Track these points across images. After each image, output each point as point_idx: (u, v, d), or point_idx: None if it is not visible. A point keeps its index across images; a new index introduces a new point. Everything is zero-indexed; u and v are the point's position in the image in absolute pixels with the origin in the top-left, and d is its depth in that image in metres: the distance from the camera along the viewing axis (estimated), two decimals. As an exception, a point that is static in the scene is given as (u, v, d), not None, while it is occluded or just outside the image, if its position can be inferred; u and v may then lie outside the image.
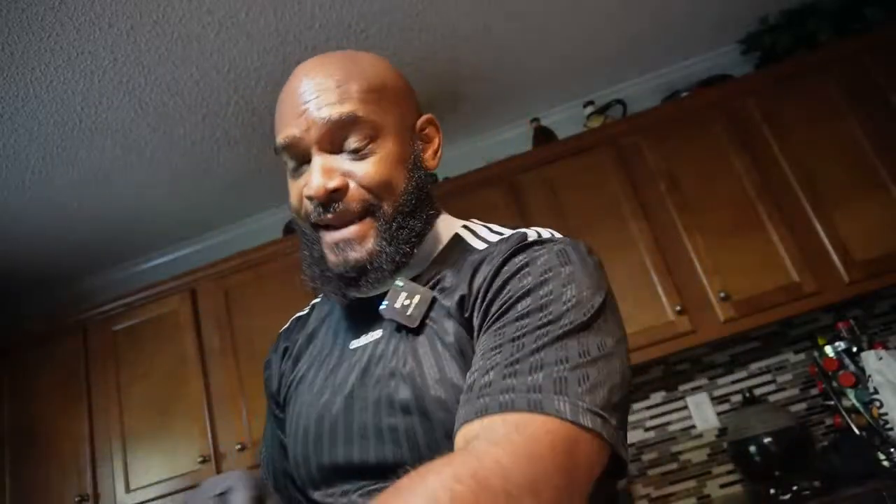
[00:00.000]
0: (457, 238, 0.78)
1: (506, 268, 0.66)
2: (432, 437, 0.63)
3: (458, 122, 2.59)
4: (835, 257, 2.02)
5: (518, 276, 0.64)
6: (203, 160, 2.34)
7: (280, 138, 0.72)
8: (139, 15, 1.67)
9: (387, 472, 0.65)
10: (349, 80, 0.71)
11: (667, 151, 2.23)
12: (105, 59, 1.78)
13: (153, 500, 2.23)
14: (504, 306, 0.62)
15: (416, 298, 0.69)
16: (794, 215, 2.09)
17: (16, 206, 2.28)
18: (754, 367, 2.31)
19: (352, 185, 0.70)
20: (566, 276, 0.63)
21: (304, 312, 0.91)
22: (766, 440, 1.93)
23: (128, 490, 2.26)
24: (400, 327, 0.70)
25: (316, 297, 0.91)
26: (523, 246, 0.68)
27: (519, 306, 0.61)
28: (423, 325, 0.69)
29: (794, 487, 1.82)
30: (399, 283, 0.71)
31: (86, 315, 2.49)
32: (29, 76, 1.76)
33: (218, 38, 1.83)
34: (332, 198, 0.69)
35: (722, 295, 2.03)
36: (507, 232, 0.75)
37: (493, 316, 0.63)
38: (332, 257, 0.72)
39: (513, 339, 0.59)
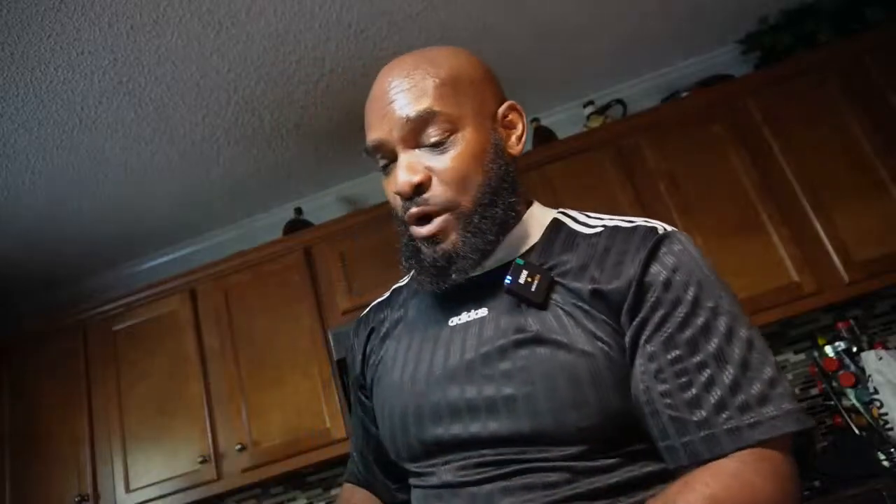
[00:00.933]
0: (557, 223, 0.81)
1: (654, 264, 0.69)
2: (557, 405, 0.65)
3: (458, 122, 2.59)
4: (835, 257, 2.02)
5: (676, 277, 0.68)
6: (203, 160, 2.34)
7: (368, 141, 0.76)
8: (139, 15, 1.67)
9: (499, 442, 0.67)
10: (424, 78, 0.74)
11: (667, 151, 2.23)
12: (105, 59, 1.78)
13: (153, 500, 2.23)
14: (672, 311, 0.66)
15: (538, 278, 0.72)
16: (794, 215, 2.09)
17: (16, 206, 2.28)
18: (754, 367, 2.30)
19: (434, 179, 0.73)
20: (711, 271, 0.71)
21: (385, 297, 0.94)
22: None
23: (128, 490, 2.26)
24: (519, 303, 0.72)
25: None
26: (660, 239, 0.71)
27: (699, 318, 0.66)
28: (546, 301, 0.71)
29: (794, 487, 1.82)
30: (520, 260, 0.74)
31: (86, 315, 2.49)
32: (29, 76, 1.76)
33: (218, 38, 1.83)
34: (417, 191, 0.73)
35: (722, 295, 2.03)
36: (609, 218, 0.79)
37: (670, 323, 0.66)
38: (425, 249, 0.75)
39: (697, 352, 0.64)
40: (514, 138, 0.79)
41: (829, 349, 1.96)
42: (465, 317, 0.76)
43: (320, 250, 2.38)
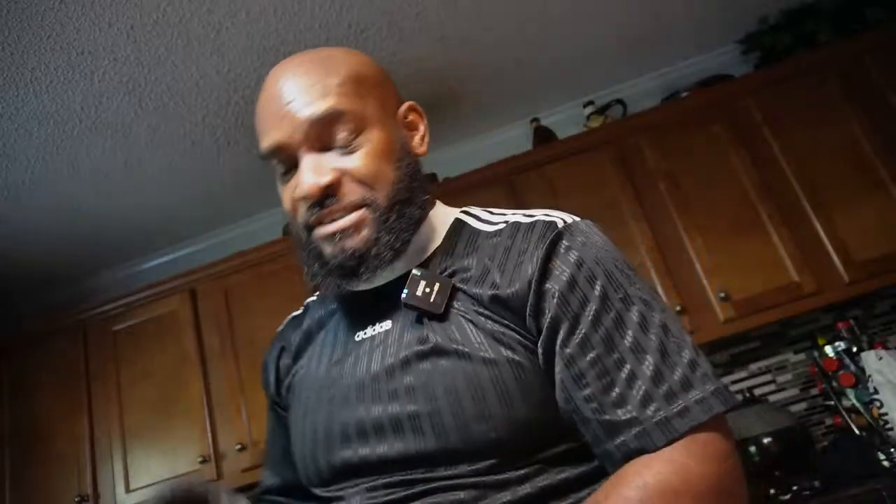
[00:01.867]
0: (458, 223, 0.78)
1: (555, 262, 0.66)
2: (461, 420, 0.62)
3: (458, 122, 2.59)
4: (835, 257, 2.02)
5: (580, 274, 0.65)
6: (203, 160, 2.34)
7: (265, 145, 0.71)
8: (139, 15, 1.67)
9: (407, 463, 0.64)
10: (326, 76, 0.70)
11: (667, 151, 2.23)
12: (105, 59, 1.78)
13: (153, 500, 2.23)
14: (582, 311, 0.64)
15: (437, 286, 0.69)
16: (794, 215, 2.09)
17: (16, 206, 2.28)
18: (754, 367, 2.31)
19: (344, 179, 0.69)
20: (616, 259, 0.68)
21: (300, 312, 0.90)
22: (766, 440, 1.93)
23: (128, 490, 2.26)
24: (420, 316, 0.69)
25: (310, 295, 0.91)
26: (559, 234, 0.68)
27: (610, 313, 0.64)
28: (446, 311, 0.68)
29: (794, 487, 1.82)
30: (416, 271, 0.70)
31: (86, 315, 2.49)
32: (29, 76, 1.76)
33: (218, 38, 1.83)
34: (325, 194, 0.68)
35: (722, 295, 2.03)
36: (512, 213, 0.75)
37: (582, 323, 0.63)
38: (328, 249, 0.70)
39: (613, 349, 0.62)
40: (417, 138, 0.77)
41: (829, 349, 1.96)
42: (370, 331, 0.73)
43: (320, 250, 2.38)
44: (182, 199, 2.55)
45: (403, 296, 0.69)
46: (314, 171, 0.68)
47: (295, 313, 0.91)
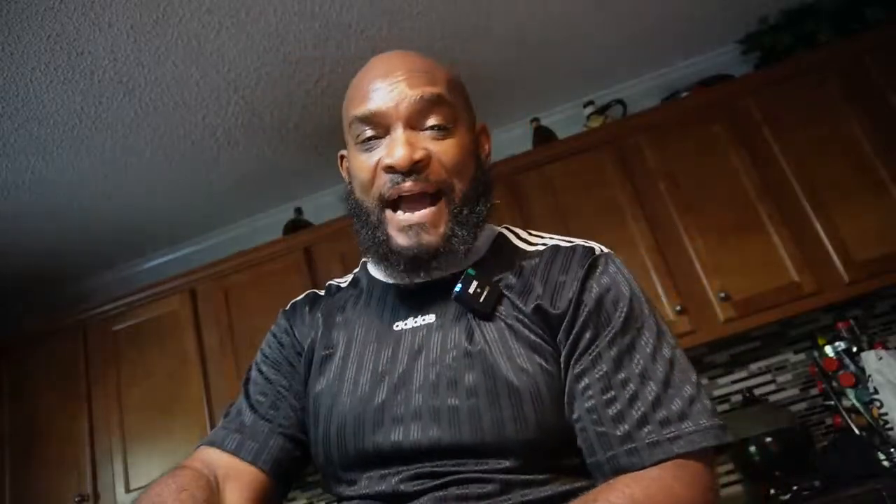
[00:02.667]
0: (501, 237, 0.83)
1: (590, 283, 0.71)
2: (498, 419, 0.66)
3: (458, 122, 2.59)
4: (835, 257, 2.02)
5: (608, 297, 0.70)
6: (203, 160, 2.34)
7: (366, 108, 0.74)
8: (139, 15, 1.67)
9: (438, 454, 0.66)
10: (435, 69, 0.78)
11: (667, 151, 2.23)
12: (105, 59, 1.78)
13: (153, 500, 2.23)
14: (602, 331, 0.68)
15: (487, 289, 0.73)
16: (794, 215, 2.09)
17: (16, 206, 2.28)
18: (754, 367, 2.31)
19: (433, 160, 0.73)
20: (639, 295, 0.72)
21: (322, 292, 0.89)
22: (766, 440, 1.93)
23: (128, 490, 2.26)
24: (466, 313, 0.73)
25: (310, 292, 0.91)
26: (596, 259, 0.74)
27: (626, 336, 0.68)
28: (493, 313, 0.72)
29: (794, 487, 1.82)
30: (471, 271, 0.74)
31: (86, 315, 2.49)
32: (29, 76, 1.76)
33: (218, 38, 1.83)
34: (413, 169, 0.72)
35: (722, 295, 2.03)
36: (550, 237, 0.81)
37: (600, 341, 0.68)
38: (402, 240, 0.73)
39: (621, 369, 0.66)
40: (483, 155, 0.83)
41: (829, 349, 1.95)
42: (410, 322, 0.76)
43: (320, 250, 2.38)
44: (182, 199, 2.55)
45: (457, 290, 0.72)
46: (409, 144, 0.72)
47: (317, 291, 0.90)
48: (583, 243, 0.77)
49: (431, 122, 0.73)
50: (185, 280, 2.45)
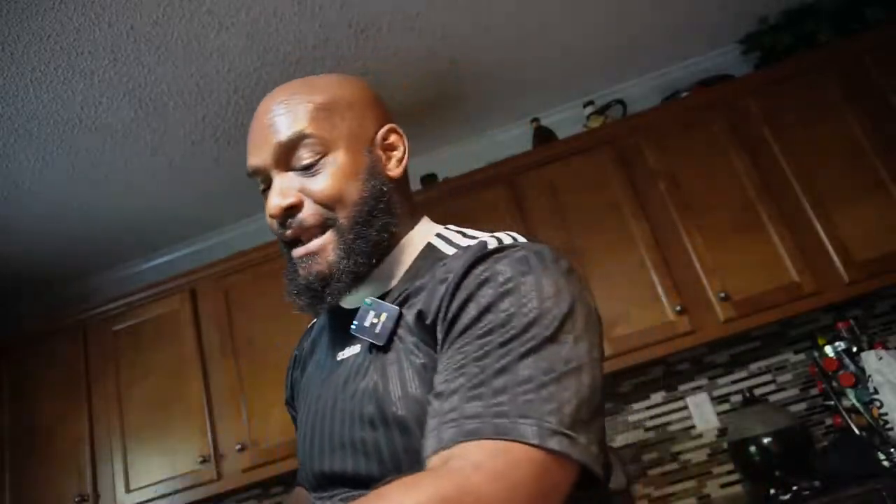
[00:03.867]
0: (429, 248, 0.78)
1: (466, 280, 0.65)
2: (394, 452, 0.66)
3: (458, 121, 2.59)
4: (835, 257, 2.02)
5: (480, 290, 0.63)
6: (203, 160, 2.34)
7: (247, 167, 0.78)
8: (139, 15, 1.67)
9: (361, 483, 0.68)
10: (299, 104, 0.75)
11: (667, 151, 2.23)
12: (105, 59, 1.78)
13: (153, 500, 2.23)
14: (466, 322, 0.62)
15: (383, 316, 0.71)
16: (794, 215, 2.09)
17: (15, 206, 2.28)
18: (754, 367, 2.31)
19: (306, 201, 0.73)
20: (527, 286, 0.62)
21: (313, 322, 0.97)
22: (766, 440, 1.93)
23: (128, 490, 2.26)
24: (371, 345, 0.72)
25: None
26: (483, 256, 0.67)
27: (481, 323, 0.61)
28: (390, 342, 0.70)
29: (794, 487, 1.82)
30: (367, 301, 0.73)
31: (86, 315, 2.49)
32: (29, 76, 1.76)
33: (218, 38, 1.83)
34: (287, 214, 0.73)
35: (722, 295, 2.03)
36: (477, 238, 0.75)
37: (455, 332, 0.63)
38: (300, 271, 0.75)
39: (476, 359, 0.59)
40: (393, 160, 0.79)
41: (829, 349, 1.96)
42: (346, 352, 0.77)
43: (320, 250, 2.38)
44: (182, 199, 2.55)
45: (353, 325, 0.73)
46: (280, 192, 0.73)
47: (313, 321, 0.97)
48: (484, 239, 0.71)
49: (300, 161, 0.73)
50: (185, 280, 2.45)
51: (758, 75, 2.31)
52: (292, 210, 0.73)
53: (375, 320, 0.71)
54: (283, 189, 0.73)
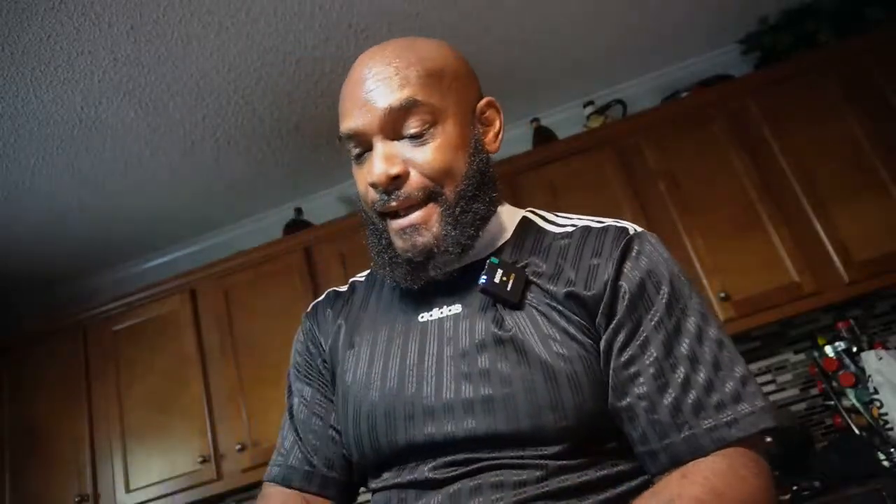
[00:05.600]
0: (526, 221, 0.80)
1: (627, 265, 0.69)
2: (535, 406, 0.64)
3: (458, 122, 2.59)
4: (835, 257, 2.02)
5: (650, 280, 0.68)
6: (203, 160, 2.34)
7: (343, 128, 0.73)
8: (139, 15, 1.67)
9: (473, 444, 0.65)
10: (408, 67, 0.72)
11: (667, 151, 2.23)
12: (105, 59, 1.78)
13: (153, 500, 2.23)
14: (646, 315, 0.66)
15: (513, 277, 0.71)
16: (794, 215, 2.09)
17: (16, 206, 2.28)
18: (754, 367, 2.31)
19: (412, 172, 0.71)
20: (680, 272, 0.70)
21: (343, 288, 0.89)
22: (766, 440, 1.93)
23: (128, 490, 2.26)
24: (494, 302, 0.71)
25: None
26: (631, 239, 0.71)
27: (672, 319, 0.66)
28: (521, 301, 0.70)
29: (794, 487, 1.82)
30: (494, 259, 0.72)
31: (86, 315, 2.49)
32: (29, 76, 1.76)
33: (218, 38, 1.83)
34: (394, 185, 0.70)
35: (722, 295, 2.03)
36: (579, 218, 0.78)
37: (645, 327, 0.66)
38: (399, 243, 0.72)
39: (670, 354, 0.65)
40: (491, 135, 0.78)
41: (829, 349, 1.95)
42: (436, 313, 0.74)
43: (320, 250, 2.38)
44: (182, 199, 2.55)
45: (482, 281, 0.71)
46: (385, 159, 0.70)
47: (337, 288, 0.90)
48: (614, 223, 0.74)
49: (408, 130, 0.71)
50: (185, 280, 2.45)
51: (758, 75, 2.31)
52: (397, 180, 0.70)
53: (505, 279, 0.70)
54: (389, 156, 0.70)
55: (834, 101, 2.17)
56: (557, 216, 0.81)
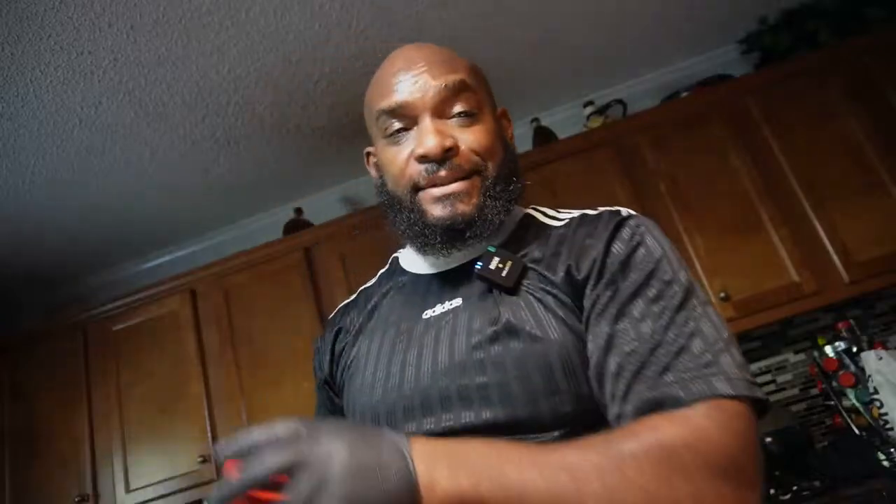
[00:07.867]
0: (528, 217, 0.84)
1: (615, 243, 0.69)
2: (531, 392, 0.64)
3: (458, 122, 2.59)
4: (835, 257, 2.02)
5: (636, 254, 0.68)
6: (203, 160, 2.34)
7: (392, 100, 0.75)
8: (139, 15, 1.67)
9: (472, 433, 0.65)
10: (455, 58, 0.79)
11: (667, 151, 2.23)
12: (105, 59, 1.78)
13: (153, 500, 2.23)
14: (634, 285, 0.66)
15: (509, 264, 0.73)
16: (794, 215, 2.09)
17: (16, 206, 2.28)
18: (754, 367, 2.31)
19: (462, 147, 0.74)
20: (670, 248, 0.70)
21: (352, 299, 0.93)
22: (766, 440, 1.93)
23: (128, 490, 2.26)
24: (490, 289, 0.73)
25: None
26: (622, 220, 0.72)
27: (652, 288, 0.65)
28: (516, 287, 0.72)
29: (794, 487, 1.82)
30: (491, 248, 0.75)
31: (86, 315, 2.49)
32: (29, 76, 1.76)
33: (218, 38, 1.83)
34: (445, 157, 0.73)
35: (722, 295, 2.03)
36: (580, 210, 0.81)
37: (622, 294, 0.66)
38: (437, 211, 0.74)
39: (664, 326, 0.63)
40: (508, 138, 0.85)
41: (829, 349, 1.95)
42: (438, 308, 0.76)
43: (320, 250, 2.38)
44: (182, 199, 2.55)
45: (477, 267, 0.73)
46: (438, 133, 0.73)
47: (346, 301, 0.94)
48: (608, 209, 0.77)
49: (457, 109, 0.75)
50: (185, 280, 2.45)
51: (758, 75, 2.31)
52: (449, 152, 0.73)
53: (501, 265, 0.72)
54: (441, 131, 0.74)
55: (834, 101, 2.17)
56: (559, 211, 0.84)
